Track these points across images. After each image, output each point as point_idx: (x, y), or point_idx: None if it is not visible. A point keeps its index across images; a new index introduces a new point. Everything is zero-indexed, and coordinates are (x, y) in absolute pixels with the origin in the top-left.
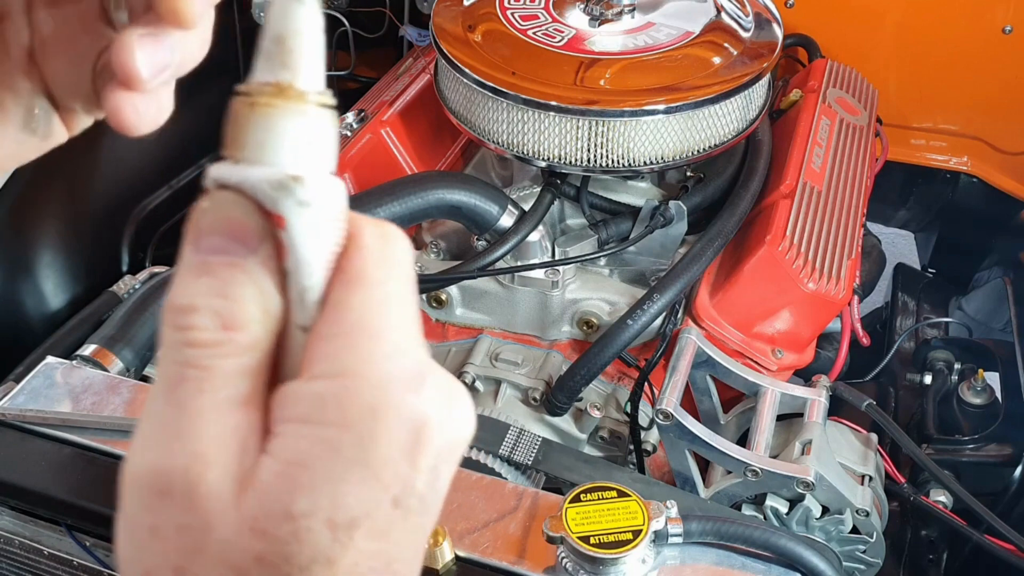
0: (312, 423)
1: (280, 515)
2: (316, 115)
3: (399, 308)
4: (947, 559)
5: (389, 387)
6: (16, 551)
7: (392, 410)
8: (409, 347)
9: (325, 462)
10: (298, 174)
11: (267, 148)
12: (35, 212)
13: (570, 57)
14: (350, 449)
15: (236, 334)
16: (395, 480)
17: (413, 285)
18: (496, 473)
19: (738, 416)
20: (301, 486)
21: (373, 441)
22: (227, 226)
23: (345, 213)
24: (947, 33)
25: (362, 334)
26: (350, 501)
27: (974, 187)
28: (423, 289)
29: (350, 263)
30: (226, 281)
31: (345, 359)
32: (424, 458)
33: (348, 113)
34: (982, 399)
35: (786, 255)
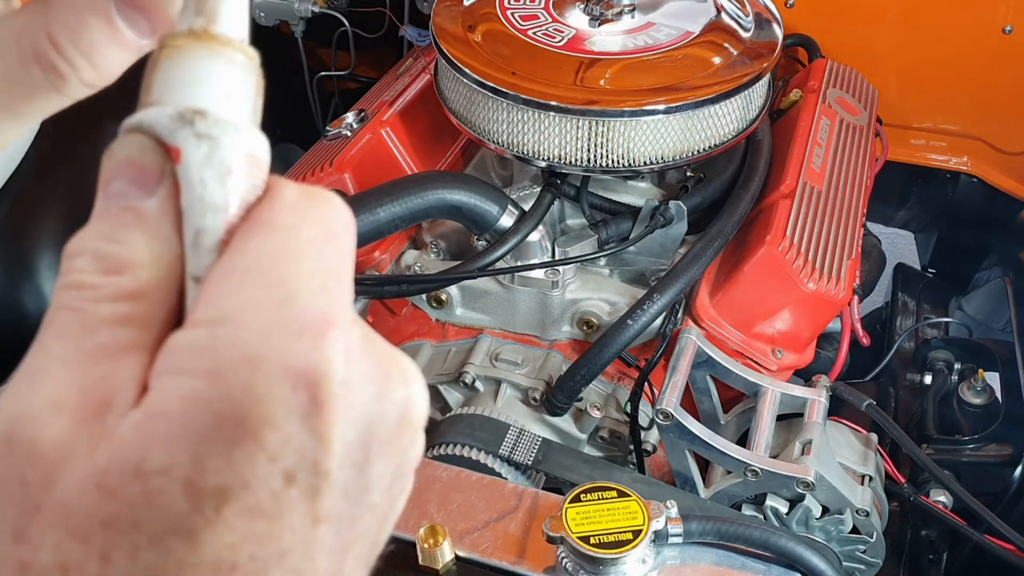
0: (182, 374)
1: (130, 471)
2: (230, 57)
3: (310, 260)
4: (947, 559)
5: (275, 334)
6: None
7: (273, 359)
8: (314, 299)
9: (190, 416)
10: (200, 108)
11: (174, 88)
12: (35, 212)
13: (570, 57)
14: (219, 402)
15: (117, 278)
16: (285, 448)
17: (344, 251)
18: (496, 473)
19: (738, 416)
20: (156, 439)
21: (248, 395)
22: (126, 168)
23: (263, 166)
24: (947, 33)
25: (253, 277)
26: (217, 464)
27: (974, 187)
28: (423, 289)
29: (260, 210)
30: (115, 224)
31: (228, 304)
32: (331, 427)
33: (348, 113)
34: (982, 399)
35: (786, 255)
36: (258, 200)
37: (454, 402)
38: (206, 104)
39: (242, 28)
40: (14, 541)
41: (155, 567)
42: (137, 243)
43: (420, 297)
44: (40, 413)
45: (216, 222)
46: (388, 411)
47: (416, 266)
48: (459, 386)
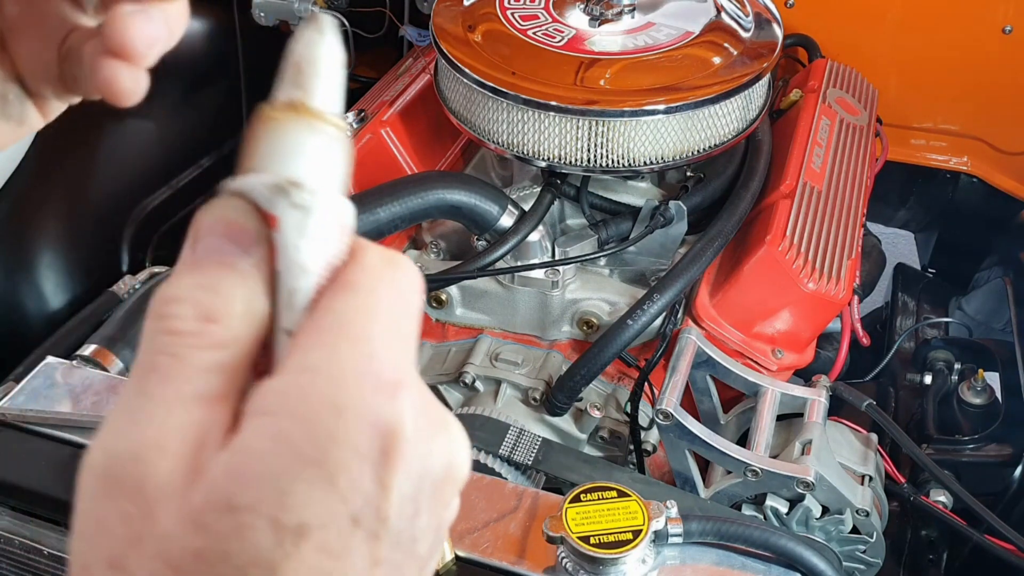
0: (271, 415)
1: (222, 507)
2: (323, 131)
3: (387, 320)
4: (947, 559)
5: (356, 386)
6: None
7: (355, 410)
8: (390, 357)
9: (276, 455)
10: (296, 179)
11: (272, 158)
12: (35, 212)
13: (570, 57)
14: (304, 444)
15: (213, 327)
16: (355, 493)
17: (413, 312)
18: (496, 473)
19: (738, 416)
20: (247, 478)
21: (330, 439)
22: (223, 227)
23: (349, 232)
24: (947, 33)
25: (338, 334)
26: (299, 502)
27: (974, 187)
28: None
29: (345, 273)
30: (213, 277)
31: (316, 356)
32: (394, 477)
33: (348, 113)
34: (982, 399)
35: (786, 255)
36: (343, 263)
37: (454, 402)
38: (301, 175)
39: (337, 102)
40: (110, 568)
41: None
42: (234, 296)
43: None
44: (145, 454)
45: (307, 283)
46: (436, 468)
47: (416, 266)
48: (459, 386)
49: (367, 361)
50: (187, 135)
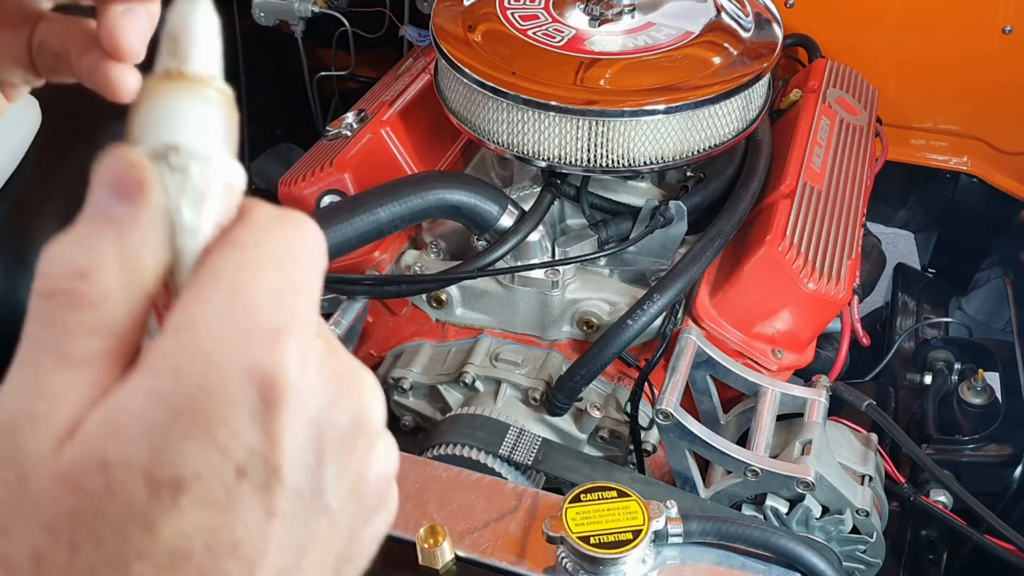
0: (146, 372)
1: (93, 464)
2: (201, 95)
3: (271, 273)
4: (947, 559)
5: (230, 336)
6: None
7: (229, 360)
8: (271, 307)
9: (150, 412)
10: (174, 143)
11: (152, 126)
12: (35, 212)
13: (570, 57)
14: (178, 398)
15: (83, 284)
16: (236, 444)
17: (307, 266)
18: (496, 473)
19: (738, 416)
20: (119, 433)
21: (204, 391)
22: (105, 180)
23: (237, 192)
24: (947, 33)
25: (216, 288)
26: (174, 456)
27: (974, 187)
28: (423, 289)
29: (231, 231)
30: (89, 232)
31: (192, 311)
32: (280, 426)
33: (348, 113)
34: (982, 399)
35: (786, 255)
36: (232, 222)
37: (454, 402)
38: (179, 139)
39: (214, 66)
40: (1, 535)
41: (118, 555)
42: (105, 250)
43: (420, 297)
44: (15, 423)
45: (193, 244)
46: (339, 419)
47: (416, 266)
48: (459, 386)
49: (243, 312)
50: None
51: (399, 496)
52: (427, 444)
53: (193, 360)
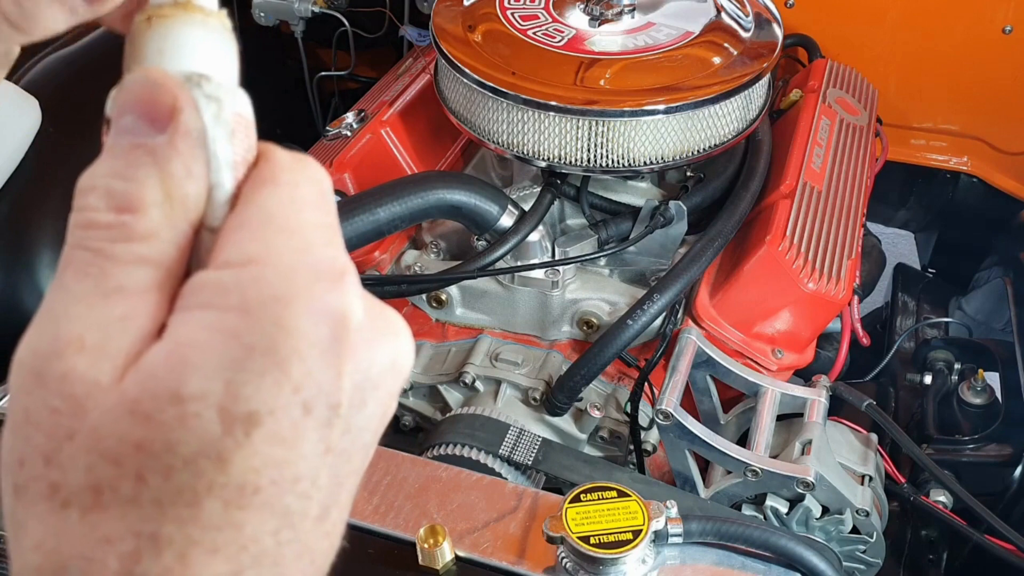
0: (212, 308)
1: (165, 396)
2: (211, 25)
3: (313, 212)
4: (947, 559)
5: (300, 276)
6: None
7: (302, 299)
8: (326, 247)
9: (223, 346)
10: (204, 72)
11: (168, 55)
12: (35, 212)
13: (570, 57)
14: (252, 335)
15: (131, 217)
16: (309, 381)
17: (331, 207)
18: (496, 473)
19: (738, 416)
20: (192, 367)
21: (280, 329)
22: (137, 105)
23: (253, 127)
24: (947, 33)
25: (271, 225)
26: (249, 391)
27: (974, 187)
28: (423, 289)
29: (261, 169)
30: (128, 162)
31: (251, 247)
32: (346, 364)
33: (348, 113)
34: (982, 399)
35: (786, 255)
36: (256, 159)
37: (454, 402)
38: (205, 69)
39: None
40: (45, 465)
41: (187, 487)
42: (149, 182)
43: (420, 297)
44: (65, 352)
45: (227, 177)
46: (381, 358)
47: (416, 266)
48: (459, 386)
49: (305, 251)
50: None
51: (400, 496)
52: (427, 444)
53: (263, 297)
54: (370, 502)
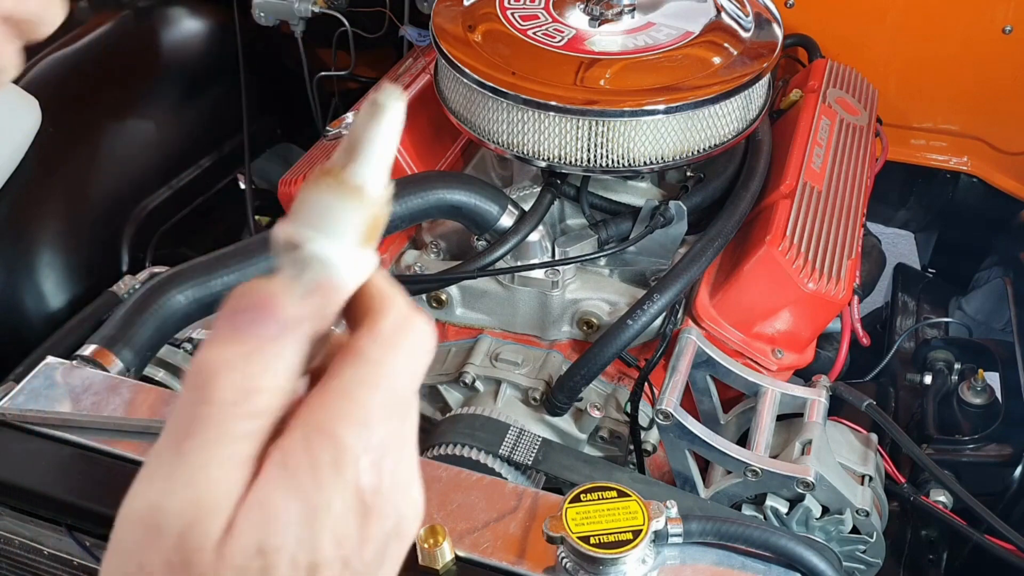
0: (282, 469)
1: (252, 551)
2: (354, 202)
3: (385, 392)
4: (947, 559)
5: (347, 451)
6: (16, 551)
7: (348, 470)
8: (378, 424)
9: (293, 506)
10: (301, 239)
11: (302, 215)
12: (35, 212)
13: (570, 57)
14: (312, 496)
15: (252, 397)
16: (346, 542)
17: (418, 373)
18: (496, 473)
19: (738, 416)
20: (269, 524)
21: (331, 493)
22: (260, 300)
23: (341, 292)
24: (947, 33)
25: (340, 397)
26: (310, 544)
27: (974, 187)
28: (423, 289)
29: (357, 340)
30: (254, 350)
31: (317, 416)
32: (373, 529)
33: (348, 113)
34: (982, 399)
35: (786, 255)
36: (362, 322)
37: (454, 402)
38: (311, 235)
39: (381, 175)
40: None
41: None
42: (273, 370)
43: (420, 297)
44: (188, 512)
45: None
46: (403, 516)
47: (416, 266)
48: (459, 386)
49: (361, 429)
50: (187, 135)
51: None
52: (427, 444)
53: (319, 465)
54: None
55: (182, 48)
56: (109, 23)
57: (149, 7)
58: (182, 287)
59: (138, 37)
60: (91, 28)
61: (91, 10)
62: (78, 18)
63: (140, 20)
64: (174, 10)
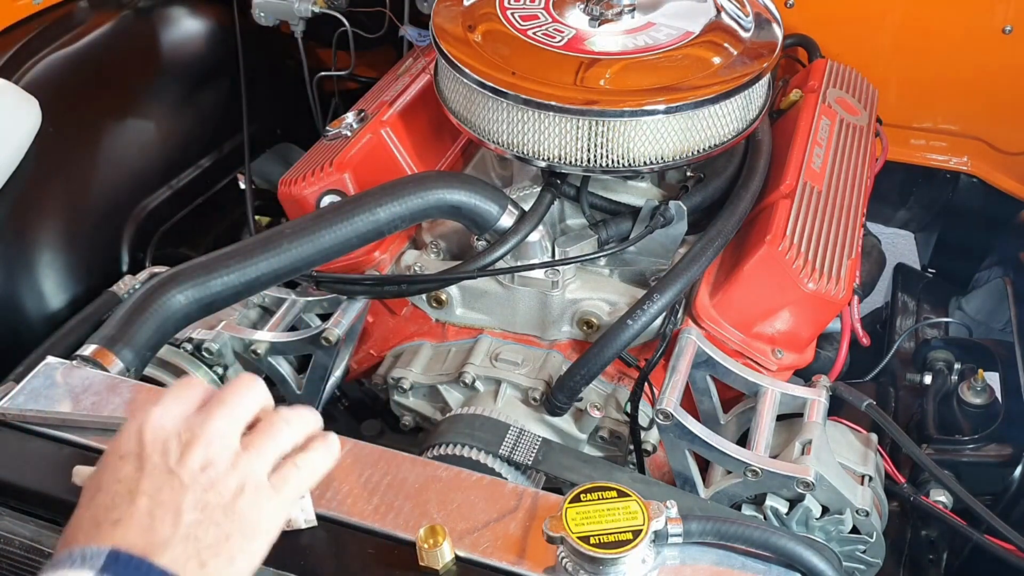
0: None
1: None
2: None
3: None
4: (947, 559)
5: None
6: (16, 551)
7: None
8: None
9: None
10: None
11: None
12: (35, 212)
13: (570, 57)
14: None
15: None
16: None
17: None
18: (496, 473)
19: (738, 416)
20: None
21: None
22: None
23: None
24: (947, 33)
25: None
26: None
27: (974, 187)
28: (423, 289)
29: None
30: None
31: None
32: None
33: (348, 113)
34: (982, 399)
35: (786, 255)
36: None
37: (454, 402)
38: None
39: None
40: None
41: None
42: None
43: (420, 297)
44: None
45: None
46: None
47: (416, 266)
48: (459, 386)
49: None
50: (187, 135)
51: (400, 496)
52: (427, 444)
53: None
54: (370, 502)
55: (182, 48)
56: (109, 23)
57: (149, 7)
58: (182, 287)
59: (138, 37)
60: (91, 28)
61: (91, 10)
62: (78, 18)
63: (140, 20)
64: (174, 10)
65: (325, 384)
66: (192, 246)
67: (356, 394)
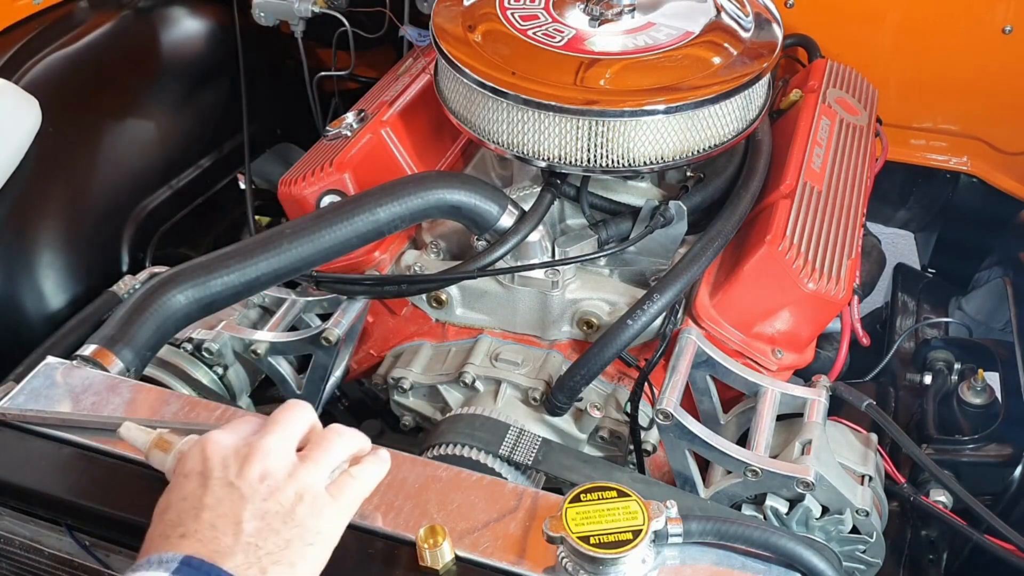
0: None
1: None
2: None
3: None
4: (947, 559)
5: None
6: (16, 551)
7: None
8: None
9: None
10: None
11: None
12: (35, 212)
13: (570, 57)
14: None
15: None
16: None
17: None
18: (496, 473)
19: (738, 416)
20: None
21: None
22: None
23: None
24: (947, 33)
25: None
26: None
27: (974, 187)
28: (423, 289)
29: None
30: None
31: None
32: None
33: (348, 113)
34: (982, 399)
35: (786, 255)
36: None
37: (454, 402)
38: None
39: None
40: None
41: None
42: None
43: (420, 297)
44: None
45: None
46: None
47: (416, 266)
48: (459, 386)
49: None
50: (187, 135)
51: (400, 496)
52: (427, 444)
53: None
54: (370, 502)
55: (182, 48)
56: (109, 23)
57: (149, 7)
58: (182, 287)
59: (138, 37)
60: (91, 28)
61: (91, 10)
62: (78, 18)
63: (140, 20)
64: (174, 10)
65: (325, 384)
66: (192, 246)
67: (356, 394)
